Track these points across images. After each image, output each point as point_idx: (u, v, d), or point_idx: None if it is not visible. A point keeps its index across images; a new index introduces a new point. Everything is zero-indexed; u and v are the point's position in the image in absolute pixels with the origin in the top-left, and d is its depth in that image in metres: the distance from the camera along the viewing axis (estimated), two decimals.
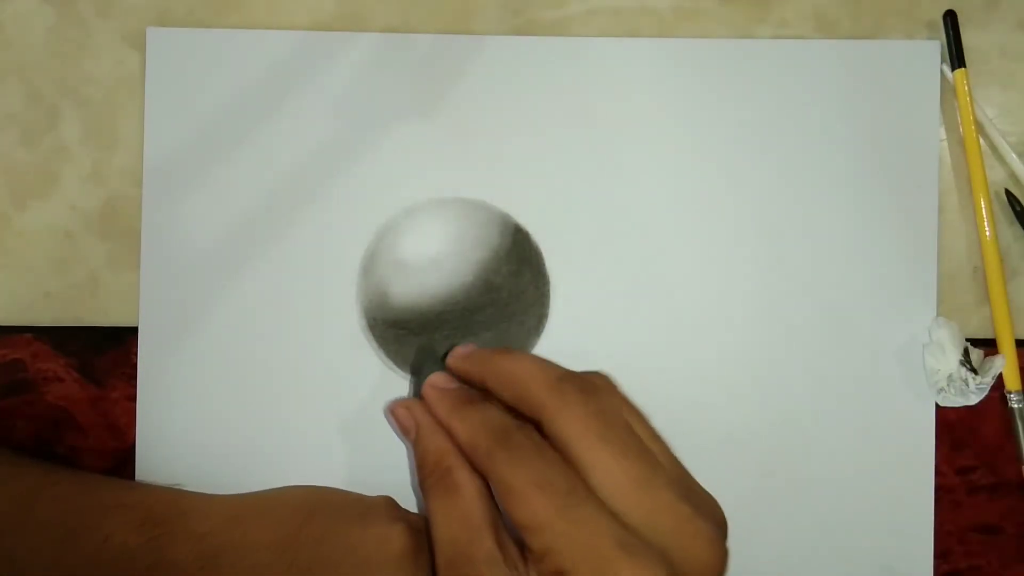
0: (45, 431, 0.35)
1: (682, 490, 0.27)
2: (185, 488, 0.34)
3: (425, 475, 0.30)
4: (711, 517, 0.27)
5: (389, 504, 0.32)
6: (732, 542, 0.35)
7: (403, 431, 0.32)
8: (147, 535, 0.30)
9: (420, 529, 0.31)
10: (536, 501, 0.26)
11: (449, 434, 0.30)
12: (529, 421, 0.29)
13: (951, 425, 0.36)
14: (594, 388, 0.29)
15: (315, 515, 0.32)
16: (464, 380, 0.32)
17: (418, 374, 0.34)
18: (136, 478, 0.35)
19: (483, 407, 0.30)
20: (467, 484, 0.28)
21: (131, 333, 0.35)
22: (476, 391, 0.32)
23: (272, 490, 0.34)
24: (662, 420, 0.35)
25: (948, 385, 0.35)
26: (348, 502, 0.33)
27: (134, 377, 0.35)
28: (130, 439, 0.35)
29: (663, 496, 0.26)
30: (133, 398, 0.35)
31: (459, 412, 0.30)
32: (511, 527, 0.28)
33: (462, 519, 0.28)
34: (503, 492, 0.27)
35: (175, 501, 0.32)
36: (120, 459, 0.35)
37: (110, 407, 0.35)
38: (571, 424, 0.27)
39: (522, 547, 0.27)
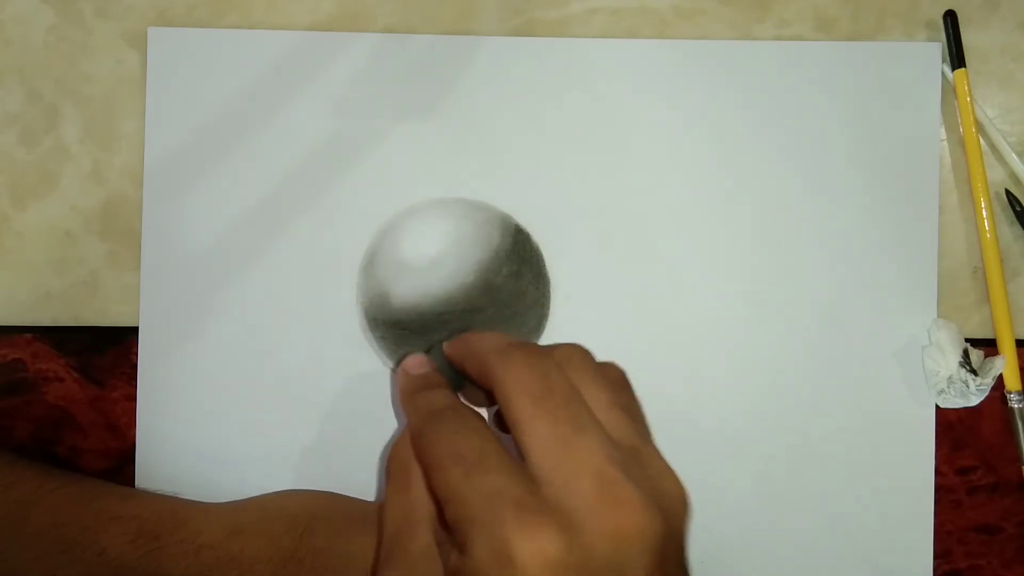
0: (45, 431, 0.35)
1: (618, 456, 0.25)
2: (182, 496, 0.34)
3: (388, 469, 0.29)
4: (650, 488, 0.25)
5: None
6: (731, 542, 0.35)
7: None
8: (143, 548, 0.30)
9: None
10: (447, 472, 0.25)
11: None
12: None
13: (951, 425, 0.36)
14: (542, 354, 0.27)
15: (315, 524, 0.32)
16: (456, 367, 0.31)
17: None
18: (136, 478, 0.35)
19: (431, 392, 0.29)
20: (418, 479, 0.28)
21: (131, 333, 0.35)
22: (440, 376, 0.31)
23: (270, 497, 0.34)
24: (662, 420, 0.35)
25: (948, 387, 0.35)
26: (347, 509, 0.33)
27: (134, 377, 0.35)
28: (130, 439, 0.35)
29: (589, 459, 0.24)
30: (133, 398, 0.35)
31: (411, 397, 0.30)
32: None
33: (405, 513, 0.28)
34: (426, 469, 0.27)
35: (171, 512, 0.32)
36: (120, 459, 0.35)
37: (110, 407, 0.35)
38: (508, 386, 0.26)
39: None
